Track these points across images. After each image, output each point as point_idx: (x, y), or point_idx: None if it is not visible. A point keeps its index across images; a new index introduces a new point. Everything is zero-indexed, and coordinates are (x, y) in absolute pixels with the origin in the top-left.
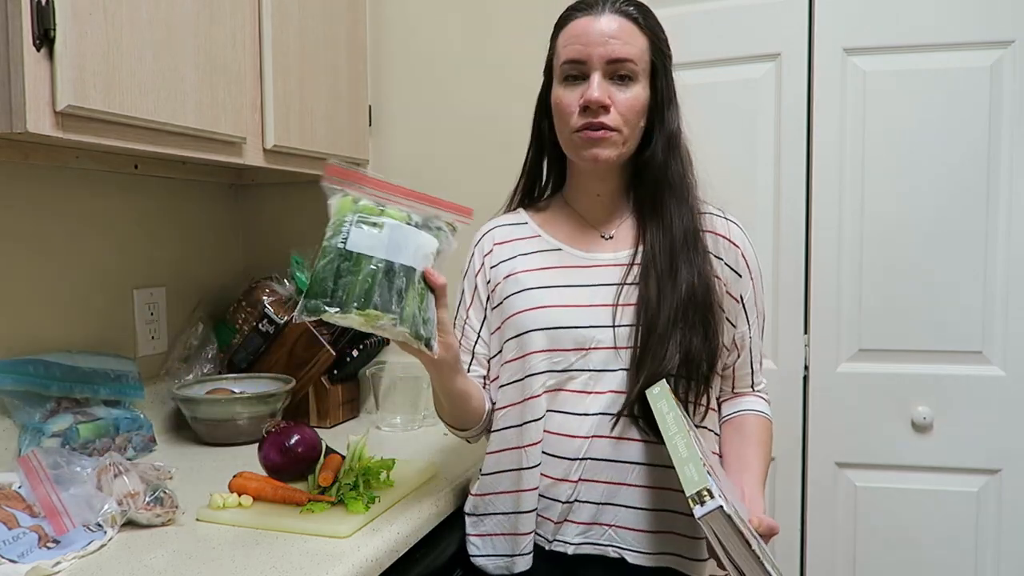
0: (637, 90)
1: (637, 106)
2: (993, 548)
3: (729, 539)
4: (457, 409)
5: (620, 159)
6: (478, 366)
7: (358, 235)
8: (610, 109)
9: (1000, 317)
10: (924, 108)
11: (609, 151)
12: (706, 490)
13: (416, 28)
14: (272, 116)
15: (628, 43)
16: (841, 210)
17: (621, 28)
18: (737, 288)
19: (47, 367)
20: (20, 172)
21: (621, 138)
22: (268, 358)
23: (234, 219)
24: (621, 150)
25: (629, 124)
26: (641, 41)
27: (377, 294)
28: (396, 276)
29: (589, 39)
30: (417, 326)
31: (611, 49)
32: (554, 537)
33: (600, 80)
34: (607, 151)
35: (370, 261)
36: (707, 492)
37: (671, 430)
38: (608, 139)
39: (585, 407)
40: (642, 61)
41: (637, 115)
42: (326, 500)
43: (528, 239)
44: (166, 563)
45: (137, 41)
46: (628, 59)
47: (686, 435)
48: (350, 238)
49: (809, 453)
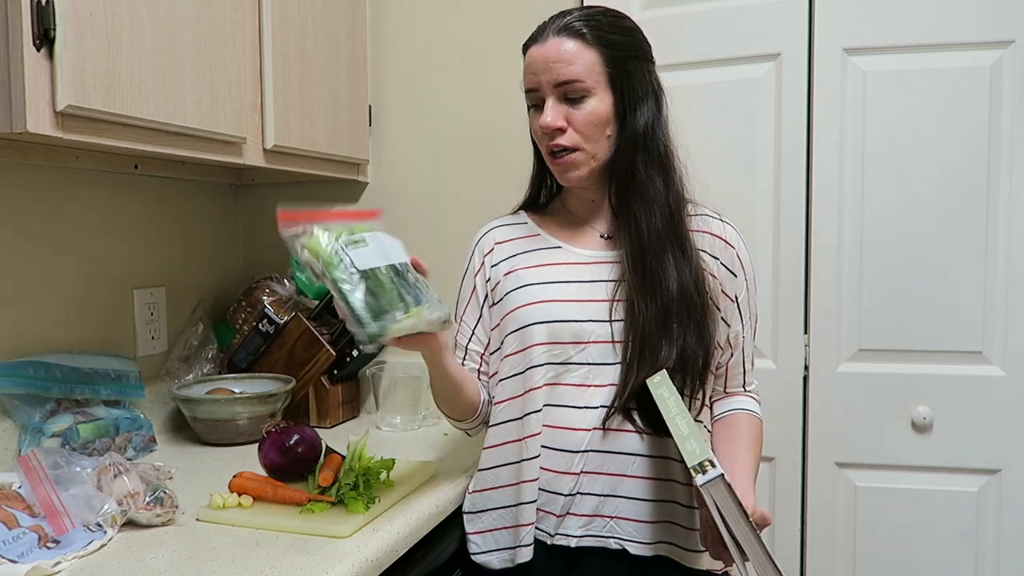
0: (593, 104)
1: (594, 120)
2: (993, 548)
3: (728, 508)
4: (457, 395)
5: (594, 172)
6: (470, 361)
7: (357, 255)
8: (566, 130)
9: (1000, 317)
10: (924, 108)
11: (578, 171)
12: (708, 461)
13: (416, 28)
14: (272, 116)
15: (572, 63)
16: (841, 210)
17: (563, 51)
18: (732, 287)
19: (47, 368)
20: (20, 172)
21: (586, 155)
22: (268, 358)
23: (234, 219)
24: (592, 165)
25: (590, 139)
26: (588, 56)
27: (407, 293)
28: (403, 273)
29: (537, 67)
30: (440, 307)
31: (555, 74)
32: (556, 531)
33: (553, 104)
34: (576, 172)
35: (381, 271)
36: (709, 463)
37: (672, 411)
38: (572, 161)
39: (586, 400)
40: (592, 75)
41: (597, 128)
42: (326, 500)
43: (528, 237)
44: (166, 563)
45: (137, 41)
46: (573, 80)
47: (687, 416)
48: (355, 261)
49: (809, 453)
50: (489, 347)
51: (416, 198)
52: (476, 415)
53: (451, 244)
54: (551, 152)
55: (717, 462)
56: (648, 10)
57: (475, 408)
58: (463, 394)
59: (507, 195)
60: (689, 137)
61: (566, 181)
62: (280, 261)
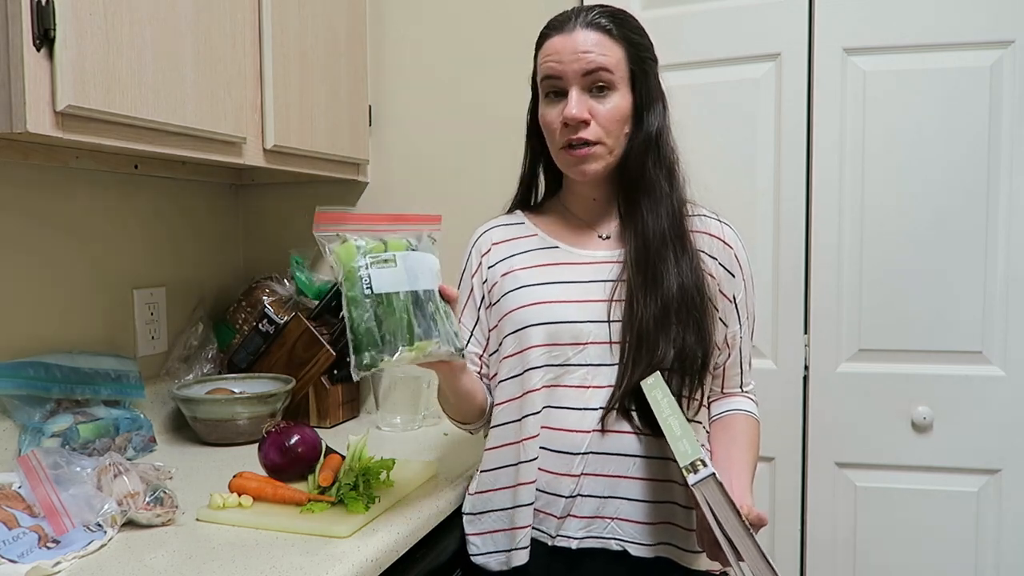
0: (616, 99)
1: (618, 115)
2: (993, 548)
3: (721, 507)
4: (465, 405)
5: (608, 169)
6: (469, 364)
7: (378, 277)
8: (590, 123)
9: (1000, 317)
10: (924, 108)
11: (596, 165)
12: (700, 460)
13: (416, 28)
14: (272, 116)
15: (602, 54)
16: (841, 210)
17: (595, 41)
18: (730, 288)
19: (47, 369)
20: (20, 172)
21: (605, 149)
22: (268, 358)
23: (234, 219)
24: (608, 160)
25: (611, 134)
26: (616, 51)
27: (416, 325)
28: (423, 302)
29: (563, 56)
30: (452, 341)
31: (585, 62)
32: (557, 533)
33: (578, 95)
34: (593, 165)
35: (398, 297)
36: (700, 462)
37: (665, 412)
38: (592, 154)
39: (585, 401)
40: (619, 70)
41: (619, 124)
42: (326, 500)
43: (526, 238)
44: (166, 563)
45: (137, 41)
46: (603, 68)
47: (680, 417)
48: (373, 283)
49: (809, 453)
50: (488, 348)
51: (416, 198)
52: (481, 419)
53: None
54: (569, 144)
55: (709, 461)
56: (648, 10)
57: (481, 413)
58: (472, 404)
59: (507, 195)
60: (689, 137)
61: (579, 174)
62: (280, 261)
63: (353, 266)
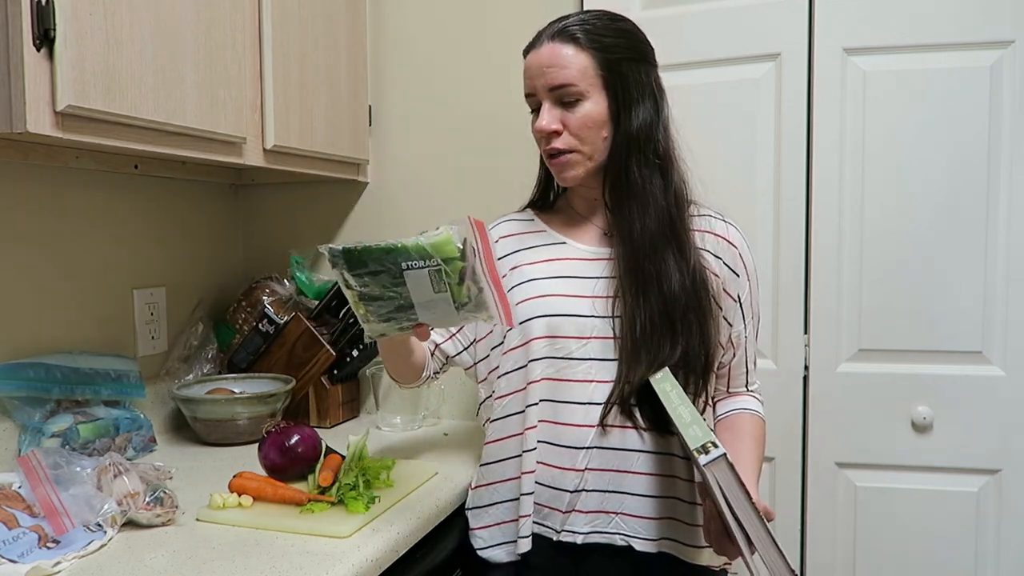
0: (587, 107)
1: (588, 122)
2: (993, 548)
3: (732, 490)
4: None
5: (590, 172)
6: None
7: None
8: (562, 132)
9: (1000, 317)
10: (924, 108)
11: (574, 171)
12: (711, 442)
13: (416, 28)
14: (272, 116)
15: (564, 67)
16: (841, 210)
17: (557, 55)
18: (735, 287)
19: (48, 370)
20: (20, 172)
21: (582, 156)
22: (268, 358)
23: (234, 219)
24: (588, 165)
25: (586, 141)
26: (581, 60)
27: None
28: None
29: (532, 72)
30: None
31: (548, 79)
32: (562, 527)
33: (549, 108)
34: (572, 171)
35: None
36: (712, 444)
37: (675, 402)
38: (569, 162)
39: (589, 396)
40: (585, 79)
41: (592, 130)
42: (326, 500)
43: (534, 233)
44: (166, 563)
45: (137, 41)
46: (566, 84)
47: (689, 406)
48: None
49: (809, 453)
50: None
51: (416, 198)
52: (423, 374)
53: None
54: (549, 154)
55: (720, 444)
56: (648, 10)
57: (422, 369)
58: (415, 363)
59: (507, 195)
60: (689, 137)
61: (563, 181)
62: (280, 261)
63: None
